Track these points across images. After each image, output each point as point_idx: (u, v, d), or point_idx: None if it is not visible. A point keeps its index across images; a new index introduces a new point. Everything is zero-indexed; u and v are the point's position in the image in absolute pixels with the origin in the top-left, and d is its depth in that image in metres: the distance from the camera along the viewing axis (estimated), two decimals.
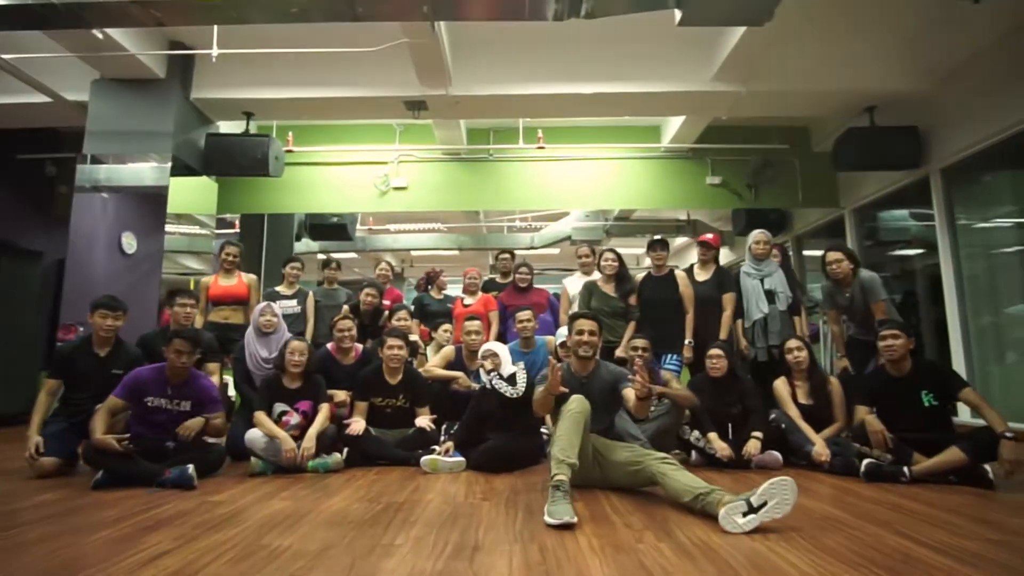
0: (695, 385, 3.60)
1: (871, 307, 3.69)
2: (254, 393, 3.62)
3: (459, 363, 4.06)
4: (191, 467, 2.82)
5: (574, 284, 4.61)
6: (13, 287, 5.97)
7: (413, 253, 11.45)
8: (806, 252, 7.72)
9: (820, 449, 3.17)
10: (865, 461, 2.95)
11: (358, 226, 9.40)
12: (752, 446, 3.26)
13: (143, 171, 5.13)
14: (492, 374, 3.48)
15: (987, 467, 2.79)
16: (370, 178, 6.56)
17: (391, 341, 3.64)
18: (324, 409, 3.44)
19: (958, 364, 4.95)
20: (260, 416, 3.32)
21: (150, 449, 3.00)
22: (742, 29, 4.36)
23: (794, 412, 3.40)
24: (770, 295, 4.17)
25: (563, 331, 3.94)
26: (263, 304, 3.99)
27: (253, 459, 3.16)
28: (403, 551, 1.84)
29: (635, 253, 11.15)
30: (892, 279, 6.11)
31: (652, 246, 4.25)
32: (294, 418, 3.41)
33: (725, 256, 8.87)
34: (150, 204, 5.14)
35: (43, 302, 6.36)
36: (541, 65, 5.05)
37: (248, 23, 3.54)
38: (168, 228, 5.21)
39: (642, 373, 2.54)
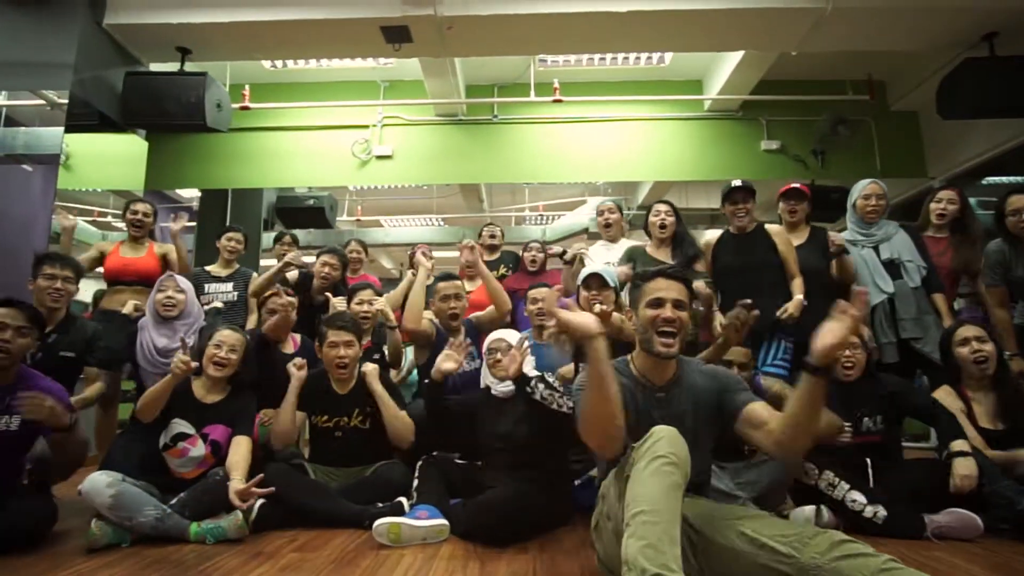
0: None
1: None
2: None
3: (441, 344, 2.81)
4: None
5: (598, 254, 3.38)
6: None
7: (407, 246, 10.26)
8: None
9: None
10: None
11: (344, 216, 8.22)
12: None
13: (41, 124, 3.94)
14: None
15: None
16: (348, 144, 5.33)
17: (333, 336, 2.37)
18: (243, 444, 2.18)
19: None
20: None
21: None
22: None
23: (978, 441, 2.11)
24: (893, 267, 2.91)
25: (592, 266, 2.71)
26: (165, 275, 2.75)
27: (95, 523, 1.89)
28: None
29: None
30: None
31: (730, 195, 2.96)
32: (196, 448, 2.18)
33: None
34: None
35: None
36: None
37: None
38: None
39: None
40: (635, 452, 1.32)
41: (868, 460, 2.17)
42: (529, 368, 2.22)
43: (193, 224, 6.05)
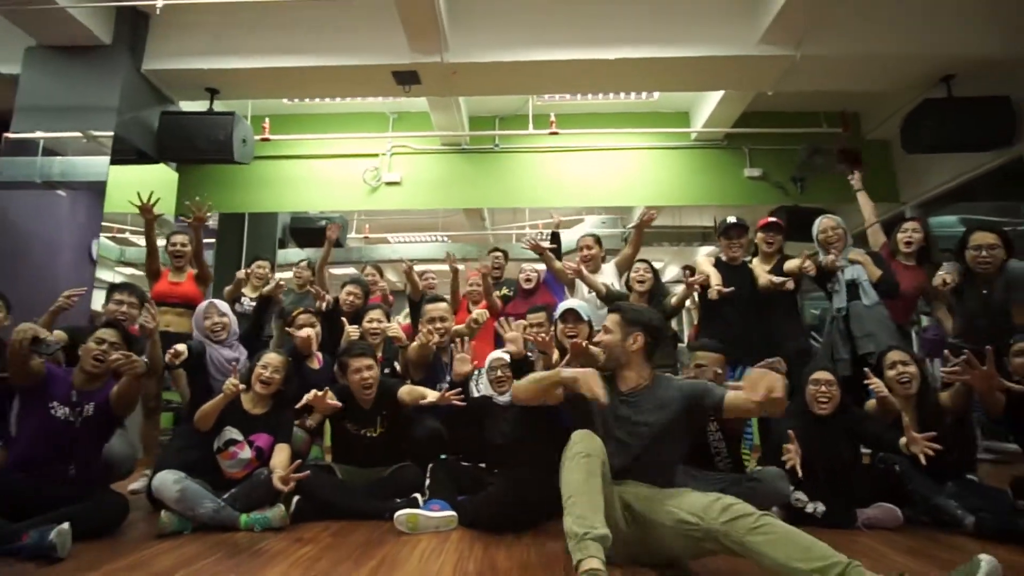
0: (785, 419, 2.48)
1: (1015, 308, 2.78)
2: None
3: (438, 364, 3.20)
4: (57, 530, 1.94)
5: (580, 286, 3.81)
6: None
7: (406, 262, 10.63)
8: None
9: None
10: None
11: (352, 234, 8.62)
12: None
13: (84, 158, 4.33)
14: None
15: None
16: (359, 172, 5.74)
17: (355, 363, 2.74)
18: (284, 449, 2.57)
19: None
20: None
21: (28, 490, 2.18)
22: None
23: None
24: (853, 288, 3.30)
25: (569, 302, 3.09)
26: (205, 304, 3.14)
27: (164, 514, 2.27)
28: None
29: (655, 265, 10.27)
30: None
31: (726, 231, 3.42)
32: (244, 451, 2.56)
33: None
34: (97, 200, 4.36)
35: None
36: (554, 26, 4.24)
37: None
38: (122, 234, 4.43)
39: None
40: (564, 454, 1.72)
41: (825, 474, 2.53)
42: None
43: (212, 241, 6.46)
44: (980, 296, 2.99)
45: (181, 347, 2.63)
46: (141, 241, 5.44)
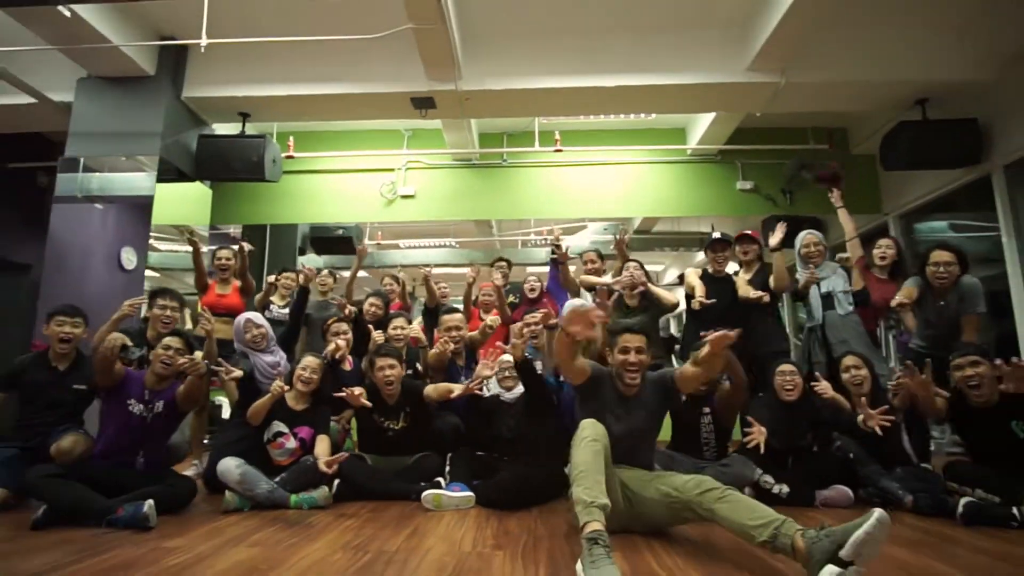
0: (758, 409, 2.96)
1: (964, 319, 3.16)
2: None
3: (453, 367, 3.61)
4: (148, 504, 2.36)
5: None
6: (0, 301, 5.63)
7: (424, 269, 11.04)
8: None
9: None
10: (963, 500, 2.41)
11: (366, 240, 9.04)
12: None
13: (128, 175, 4.78)
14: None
15: None
16: (376, 186, 6.16)
17: (380, 362, 3.15)
18: (325, 440, 2.98)
19: None
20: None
21: (111, 475, 2.60)
22: (781, 13, 3.93)
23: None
24: (828, 299, 3.69)
25: (574, 302, 3.48)
26: (243, 319, 3.57)
27: (228, 494, 2.69)
28: None
29: (655, 269, 10.65)
30: None
31: (712, 245, 3.83)
32: (290, 442, 2.97)
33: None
34: (144, 215, 4.82)
35: (29, 317, 6.01)
36: (559, 57, 4.64)
37: None
38: (164, 244, 4.86)
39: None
40: (575, 436, 2.12)
41: (790, 458, 2.93)
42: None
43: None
44: (937, 307, 3.37)
45: (238, 373, 3.01)
46: (162, 247, 5.93)
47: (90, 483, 2.52)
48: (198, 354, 2.89)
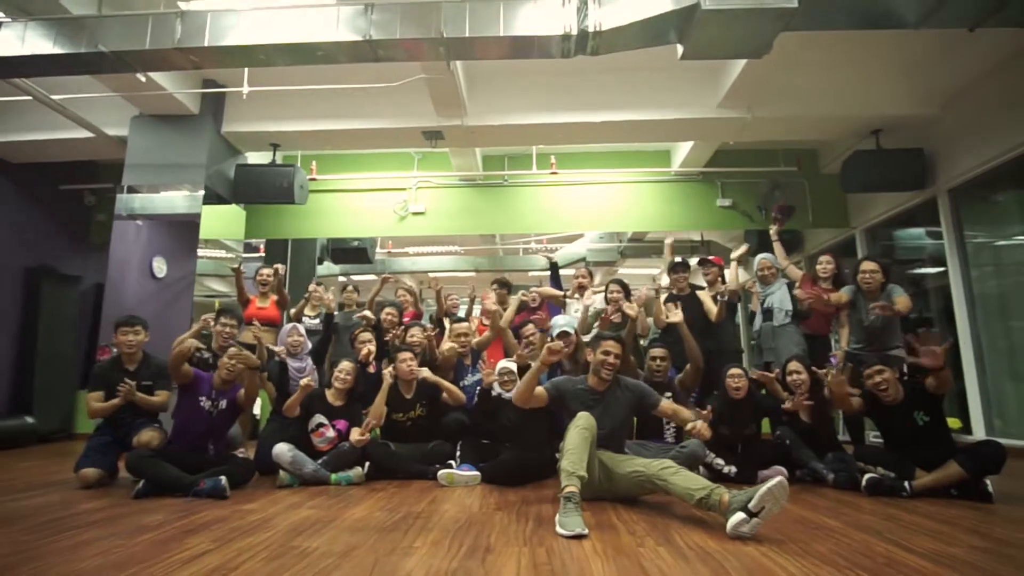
0: (713, 402, 3.59)
1: (896, 302, 3.81)
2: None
3: (460, 365, 4.23)
4: (223, 478, 3.01)
5: (572, 304, 4.82)
6: (53, 310, 6.29)
7: (431, 275, 11.69)
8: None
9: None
10: (866, 476, 3.04)
11: (378, 249, 9.70)
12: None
13: (178, 200, 5.44)
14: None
15: (988, 481, 2.87)
16: (390, 204, 6.82)
17: (400, 356, 3.80)
18: (356, 431, 3.62)
19: (971, 381, 5.00)
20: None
21: (187, 458, 3.24)
22: (745, 59, 4.54)
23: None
24: (770, 312, 4.32)
25: (559, 320, 4.08)
26: (292, 326, 4.22)
27: (281, 472, 3.34)
28: (421, 553, 1.99)
29: (650, 273, 11.26)
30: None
31: (674, 268, 4.43)
32: (330, 431, 3.61)
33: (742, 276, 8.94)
34: (180, 230, 5.48)
35: (80, 324, 6.70)
36: (552, 96, 5.28)
37: (277, 66, 3.81)
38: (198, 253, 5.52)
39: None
40: (571, 424, 2.75)
41: (739, 445, 3.57)
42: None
43: (262, 255, 7.59)
44: (868, 309, 4.00)
45: (307, 381, 3.67)
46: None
47: (173, 464, 3.17)
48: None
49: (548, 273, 9.89)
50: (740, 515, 2.22)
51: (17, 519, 2.53)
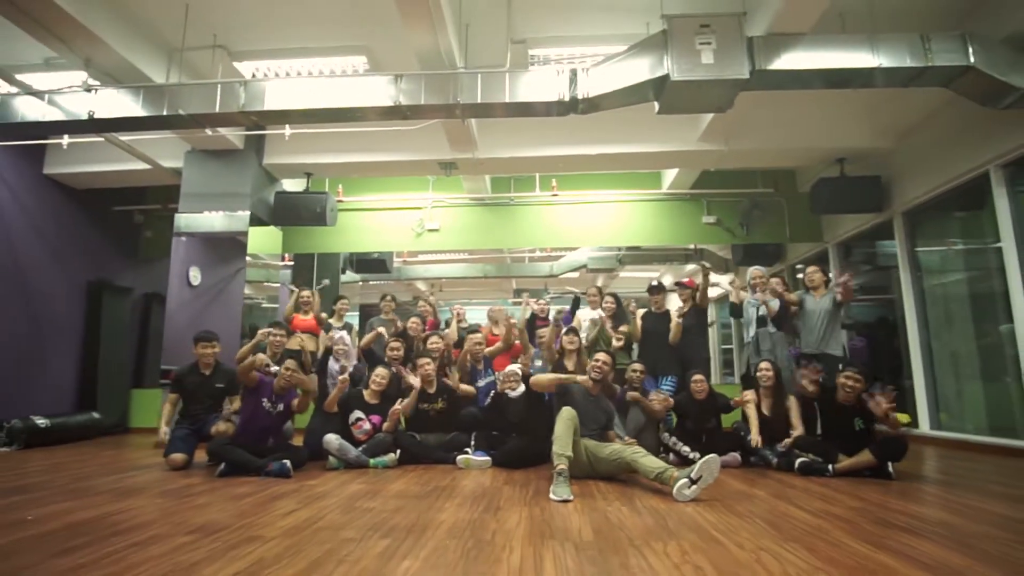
0: (680, 404, 4.41)
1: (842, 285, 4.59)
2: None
3: (474, 370, 4.99)
4: (287, 462, 3.79)
5: (585, 313, 5.56)
6: (111, 319, 7.11)
7: (443, 280, 12.49)
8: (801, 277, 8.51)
9: (755, 436, 4.13)
10: (799, 460, 3.79)
11: (395, 259, 10.49)
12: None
13: (226, 224, 6.23)
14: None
15: (890, 465, 3.60)
16: (407, 222, 7.60)
17: (421, 361, 4.58)
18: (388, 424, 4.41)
19: (919, 381, 5.72)
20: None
21: (253, 447, 4.01)
22: None
23: (753, 417, 4.23)
24: (762, 320, 5.05)
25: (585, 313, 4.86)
26: (343, 335, 5.05)
27: (330, 457, 4.12)
28: (450, 510, 2.76)
29: (648, 276, 11.98)
30: (871, 307, 6.89)
31: (652, 291, 5.21)
32: (366, 424, 4.38)
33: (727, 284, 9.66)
34: (212, 244, 6.33)
35: (132, 330, 7.53)
36: (552, 132, 6.01)
37: (320, 123, 4.57)
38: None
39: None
40: (558, 416, 3.50)
41: (703, 435, 4.32)
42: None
43: (291, 264, 8.39)
44: (815, 309, 4.75)
45: (344, 378, 4.45)
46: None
47: (245, 450, 3.95)
48: (312, 378, 4.31)
49: (549, 276, 10.66)
50: (683, 480, 2.99)
51: (141, 491, 3.33)
